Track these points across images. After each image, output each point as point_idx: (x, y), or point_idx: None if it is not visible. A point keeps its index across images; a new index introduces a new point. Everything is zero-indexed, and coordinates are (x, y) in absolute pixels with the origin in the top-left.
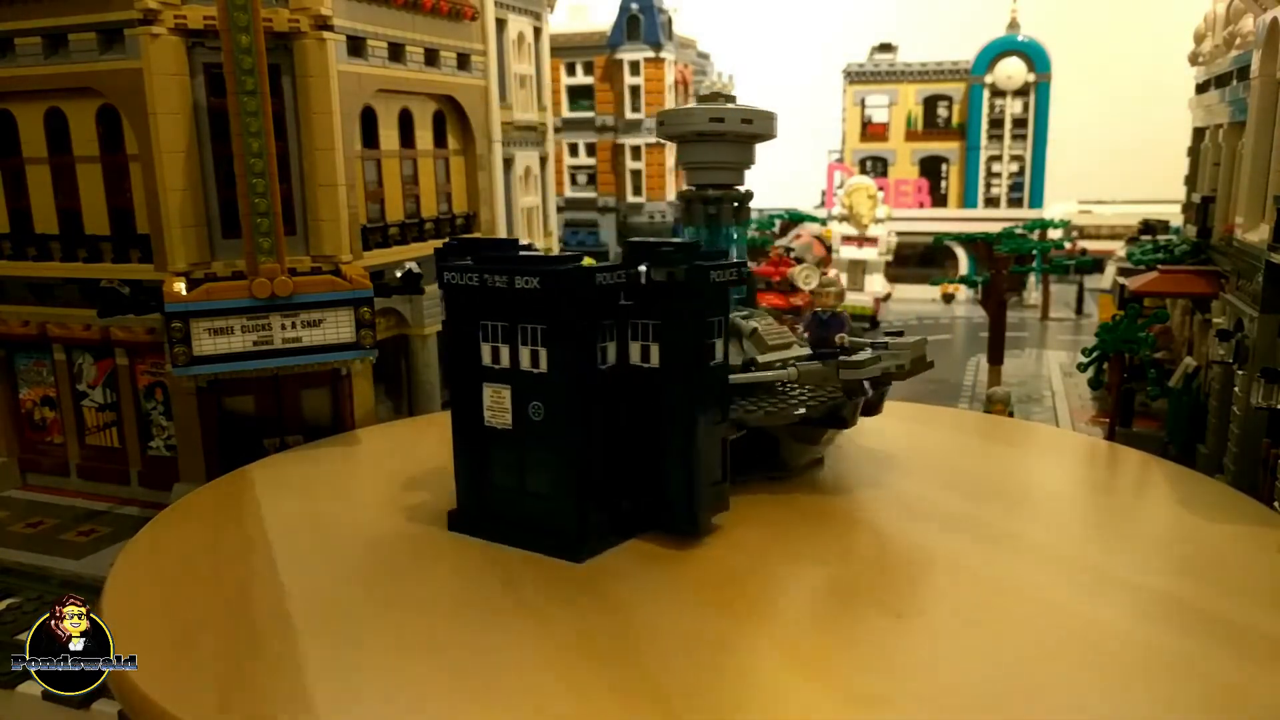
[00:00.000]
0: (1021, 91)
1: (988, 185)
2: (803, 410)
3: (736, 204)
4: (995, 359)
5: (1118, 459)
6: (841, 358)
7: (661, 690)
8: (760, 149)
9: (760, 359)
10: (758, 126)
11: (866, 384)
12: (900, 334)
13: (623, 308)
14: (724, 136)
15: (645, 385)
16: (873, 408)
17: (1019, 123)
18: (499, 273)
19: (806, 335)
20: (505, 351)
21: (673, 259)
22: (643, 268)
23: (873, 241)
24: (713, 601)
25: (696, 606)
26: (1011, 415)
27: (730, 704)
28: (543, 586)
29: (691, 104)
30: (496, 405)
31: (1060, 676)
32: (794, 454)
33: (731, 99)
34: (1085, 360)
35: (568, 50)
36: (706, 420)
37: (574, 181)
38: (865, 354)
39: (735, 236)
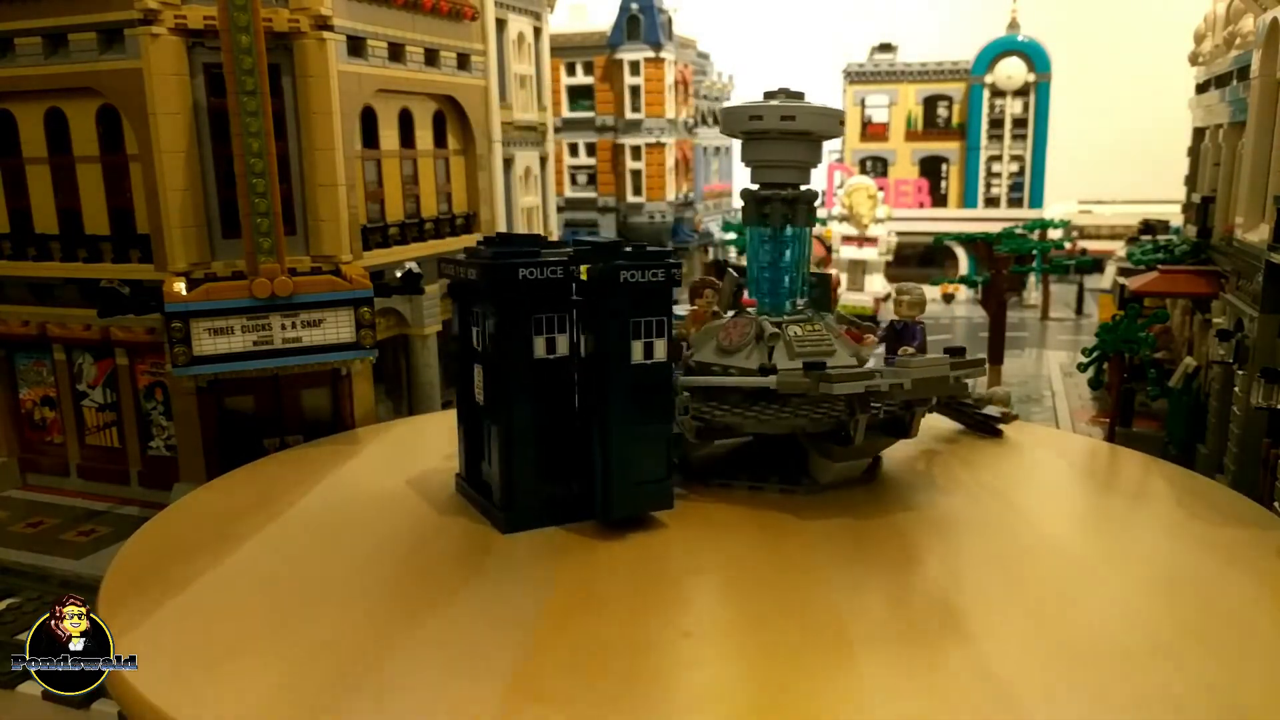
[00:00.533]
0: (1021, 91)
1: (988, 185)
2: (801, 421)
3: (790, 204)
4: (995, 359)
5: (1117, 460)
6: (829, 370)
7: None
8: None
9: (783, 365)
10: (805, 123)
11: (866, 401)
12: (959, 351)
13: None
14: (768, 134)
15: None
16: (902, 429)
17: (1019, 123)
18: (461, 265)
19: (883, 344)
20: (481, 335)
21: (586, 257)
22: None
23: (873, 241)
24: (563, 597)
25: (536, 596)
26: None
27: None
28: (443, 555)
29: (742, 101)
30: (478, 383)
31: (1053, 680)
32: (818, 469)
33: (797, 96)
34: (1085, 360)
35: (568, 50)
36: (626, 418)
37: (574, 181)
38: (853, 369)
39: (788, 238)
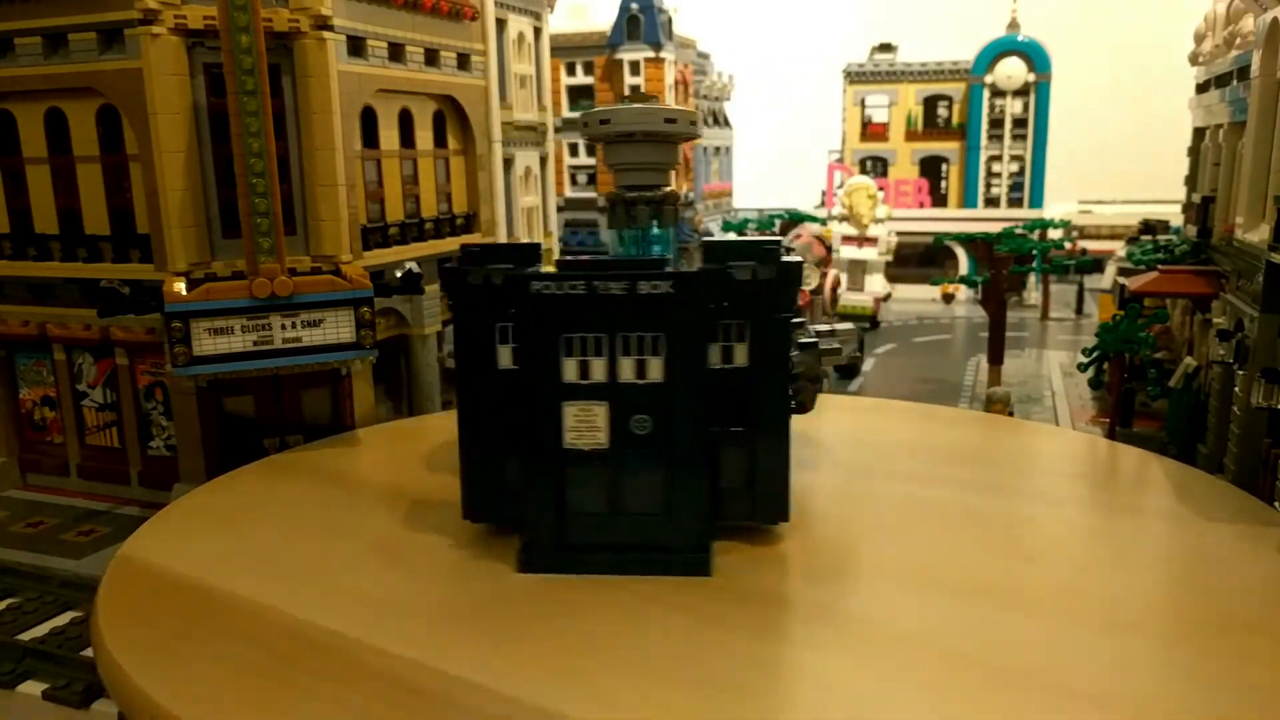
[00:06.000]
0: (1021, 91)
1: (988, 185)
2: None
3: (657, 205)
4: (995, 359)
5: (1117, 456)
6: None
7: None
8: (759, 149)
9: None
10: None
11: None
12: None
13: None
14: (633, 137)
15: None
16: None
17: (1019, 123)
18: None
19: None
20: None
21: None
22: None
23: (873, 241)
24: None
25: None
26: (1011, 415)
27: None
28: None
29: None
30: None
31: (1052, 678)
32: None
33: (650, 99)
34: (1085, 360)
35: (568, 50)
36: None
37: (574, 181)
38: None
39: (655, 238)
